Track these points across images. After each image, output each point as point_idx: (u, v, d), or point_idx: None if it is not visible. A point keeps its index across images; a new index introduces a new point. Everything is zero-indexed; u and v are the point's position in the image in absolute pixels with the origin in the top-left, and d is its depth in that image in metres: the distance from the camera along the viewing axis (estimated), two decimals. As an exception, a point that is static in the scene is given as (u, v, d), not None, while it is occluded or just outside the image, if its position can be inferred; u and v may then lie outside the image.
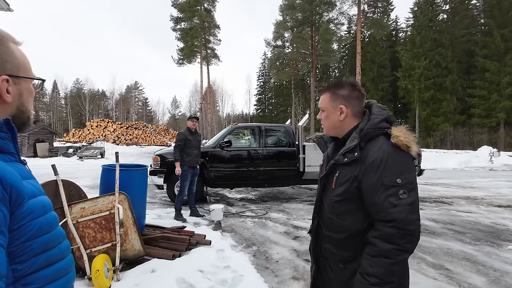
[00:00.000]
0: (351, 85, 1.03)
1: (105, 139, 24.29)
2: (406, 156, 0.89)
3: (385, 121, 0.96)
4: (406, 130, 0.92)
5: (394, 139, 0.90)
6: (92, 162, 14.38)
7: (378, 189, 0.87)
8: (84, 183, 7.44)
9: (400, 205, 0.84)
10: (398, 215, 0.84)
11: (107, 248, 2.54)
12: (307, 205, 5.74)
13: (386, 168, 0.88)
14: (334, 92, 1.05)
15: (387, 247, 0.84)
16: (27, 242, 0.50)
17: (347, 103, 1.02)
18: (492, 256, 3.26)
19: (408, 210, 0.84)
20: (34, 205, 0.53)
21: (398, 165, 0.88)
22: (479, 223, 4.55)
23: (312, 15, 28.61)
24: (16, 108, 0.58)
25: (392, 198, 0.85)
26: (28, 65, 0.62)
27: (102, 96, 56.98)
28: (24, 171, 0.58)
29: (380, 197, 0.87)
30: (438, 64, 28.34)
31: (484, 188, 7.75)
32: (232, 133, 6.15)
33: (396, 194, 0.85)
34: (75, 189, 2.75)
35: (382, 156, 0.89)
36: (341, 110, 1.02)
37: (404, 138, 0.88)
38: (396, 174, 0.86)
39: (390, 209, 0.85)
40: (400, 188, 0.85)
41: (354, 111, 1.02)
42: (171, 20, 32.12)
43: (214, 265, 2.87)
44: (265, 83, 53.78)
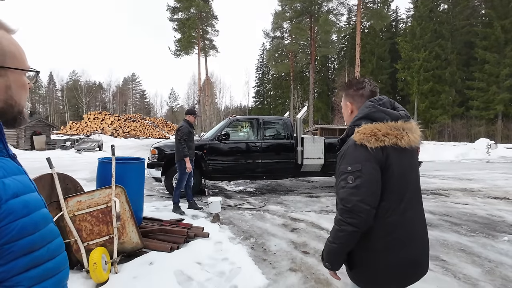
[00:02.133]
0: (356, 84, 1.21)
1: (102, 132, 24.16)
2: (360, 150, 1.04)
3: (363, 118, 1.10)
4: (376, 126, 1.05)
5: (354, 134, 1.07)
6: (90, 154, 14.33)
7: (338, 175, 1.10)
8: (82, 176, 7.42)
9: (346, 187, 1.03)
10: (342, 195, 1.04)
11: (104, 241, 2.54)
12: (305, 197, 5.77)
13: (343, 159, 1.09)
14: (345, 91, 1.25)
15: (337, 217, 1.07)
16: (6, 245, 0.48)
17: (352, 100, 1.21)
18: (488, 247, 3.30)
19: (350, 192, 1.02)
20: (13, 206, 0.50)
21: (352, 156, 1.06)
22: (475, 214, 4.59)
23: (312, 5, 28.12)
24: (3, 102, 0.55)
25: (342, 182, 1.06)
26: (19, 55, 0.57)
27: (99, 88, 56.38)
28: (10, 166, 0.55)
29: (338, 180, 1.10)
30: (437, 55, 28.13)
31: (481, 180, 7.80)
32: (230, 126, 6.11)
33: (346, 179, 1.04)
34: (71, 182, 2.73)
35: (345, 149, 1.10)
36: (349, 106, 1.22)
37: (359, 135, 1.05)
38: (347, 163, 1.06)
39: (339, 190, 1.07)
40: (349, 175, 1.04)
41: (358, 107, 1.18)
42: (168, 10, 31.51)
43: (212, 257, 2.88)
44: (263, 75, 53.32)
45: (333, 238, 1.08)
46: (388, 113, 1.10)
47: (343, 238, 1.05)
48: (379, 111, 1.10)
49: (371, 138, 1.03)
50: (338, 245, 1.07)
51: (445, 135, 27.36)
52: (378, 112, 1.10)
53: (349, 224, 1.02)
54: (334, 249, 1.08)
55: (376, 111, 1.10)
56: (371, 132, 1.04)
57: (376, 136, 1.03)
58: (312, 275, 2.64)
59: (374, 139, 1.02)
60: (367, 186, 1.01)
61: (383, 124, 1.06)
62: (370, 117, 1.09)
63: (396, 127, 1.06)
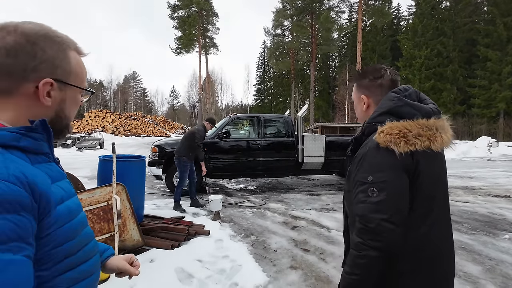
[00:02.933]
0: (373, 73, 0.99)
1: (103, 130, 24.20)
2: (385, 154, 0.83)
3: (386, 113, 0.89)
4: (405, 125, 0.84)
5: (376, 135, 0.86)
6: (91, 153, 14.36)
7: (354, 185, 0.89)
8: (83, 174, 7.44)
9: (366, 202, 0.83)
10: (362, 211, 0.84)
11: (105, 239, 2.55)
12: (305, 195, 5.77)
13: (362, 165, 0.88)
14: (358, 82, 1.04)
15: (355, 240, 0.85)
16: (53, 250, 0.50)
17: (368, 92, 1.00)
18: (488, 245, 3.29)
19: (371, 209, 0.82)
20: (60, 213, 0.52)
21: (374, 163, 0.85)
22: (476, 212, 4.59)
23: (313, 3, 27.98)
24: (54, 113, 0.59)
25: (361, 195, 0.85)
26: (81, 76, 0.63)
27: (99, 87, 56.42)
28: (55, 172, 0.56)
29: (354, 192, 0.88)
30: (439, 53, 28.00)
31: (482, 178, 7.79)
32: (231, 124, 6.11)
33: (366, 191, 0.84)
34: (72, 180, 2.74)
35: (364, 153, 0.89)
36: (363, 100, 1.01)
37: (385, 136, 0.83)
38: (368, 171, 0.85)
39: (358, 205, 0.86)
40: (370, 186, 0.84)
41: (377, 100, 0.97)
42: (168, 7, 31.39)
43: (213, 255, 2.89)
44: (264, 73, 53.22)
45: (352, 268, 0.85)
46: (418, 108, 0.89)
47: (365, 266, 0.83)
48: (406, 105, 0.88)
49: (399, 141, 0.82)
50: (359, 277, 0.84)
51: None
52: (405, 106, 0.88)
53: (372, 248, 0.81)
54: (355, 282, 0.84)
55: (403, 105, 0.88)
56: (399, 132, 0.83)
57: (406, 138, 0.82)
58: (312, 273, 2.65)
59: (403, 142, 0.82)
60: (394, 200, 0.82)
61: (413, 123, 0.84)
62: (395, 112, 0.88)
63: (429, 126, 0.85)
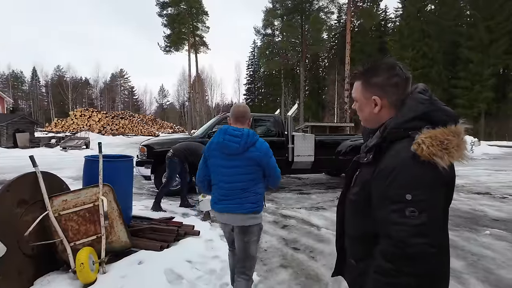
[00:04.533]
0: (388, 70, 0.86)
1: (90, 129, 23.57)
2: (425, 169, 0.72)
3: (419, 119, 0.77)
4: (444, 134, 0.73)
5: (415, 146, 0.73)
6: (76, 152, 13.95)
7: (383, 202, 0.76)
8: (68, 174, 7.22)
9: (404, 224, 0.71)
10: (398, 234, 0.72)
11: (92, 241, 2.48)
12: (295, 194, 5.81)
13: (396, 179, 0.74)
14: (367, 80, 0.89)
15: (386, 266, 0.74)
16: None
17: (382, 92, 0.86)
18: (471, 241, 3.42)
19: (412, 232, 0.71)
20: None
21: (412, 178, 0.73)
22: (459, 209, 4.75)
23: (302, 3, 28.20)
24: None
25: (395, 215, 0.73)
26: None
27: (85, 84, 54.91)
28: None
29: (384, 210, 0.76)
30: (425, 55, 28.82)
31: (465, 176, 8.06)
32: (221, 123, 6.07)
33: (402, 211, 0.72)
34: (56, 181, 2.65)
35: (395, 165, 0.75)
36: (375, 102, 0.87)
37: (428, 147, 0.71)
38: (406, 188, 0.72)
39: (391, 226, 0.74)
40: (408, 206, 0.71)
41: (392, 100, 0.85)
42: (157, 5, 30.85)
43: (203, 255, 2.87)
44: (254, 72, 53.24)
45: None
46: (448, 112, 0.79)
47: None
48: (439, 109, 0.78)
49: (443, 153, 0.71)
50: None
51: (431, 133, 28.12)
52: (438, 111, 0.78)
53: (411, 276, 0.71)
54: None
55: (436, 109, 0.78)
56: (441, 143, 0.72)
57: (448, 150, 0.72)
58: (302, 271, 2.67)
59: (447, 155, 0.72)
60: (436, 222, 0.73)
61: (448, 130, 0.74)
62: (429, 118, 0.77)
63: (458, 132, 0.75)
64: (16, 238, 2.16)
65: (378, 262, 0.77)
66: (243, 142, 1.74)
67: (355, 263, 0.93)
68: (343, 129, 16.01)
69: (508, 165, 10.83)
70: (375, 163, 0.82)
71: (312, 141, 6.21)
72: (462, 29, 29.74)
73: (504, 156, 14.29)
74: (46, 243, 2.34)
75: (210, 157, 1.86)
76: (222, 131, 1.81)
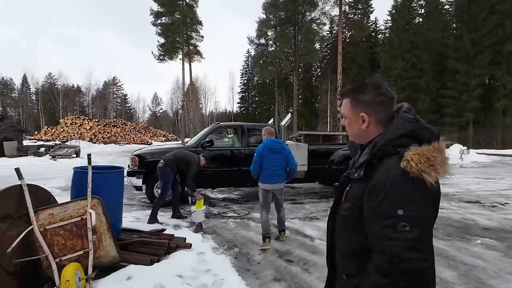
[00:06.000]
0: (374, 88, 0.91)
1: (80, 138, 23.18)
2: (414, 185, 0.75)
3: (406, 136, 0.81)
4: (430, 151, 0.77)
5: (404, 163, 0.76)
6: (66, 161, 13.65)
7: (376, 218, 0.78)
8: (57, 185, 7.04)
9: (397, 239, 0.73)
10: (392, 249, 0.74)
11: (78, 256, 2.40)
12: (289, 204, 5.78)
13: (387, 195, 0.76)
14: (355, 97, 0.94)
15: (381, 281, 0.75)
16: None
17: (369, 110, 0.91)
18: (462, 250, 3.44)
19: (405, 247, 0.72)
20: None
21: (403, 193, 0.75)
22: (450, 218, 4.79)
23: (295, 14, 28.84)
24: None
25: (388, 230, 0.75)
26: None
27: (77, 92, 54.25)
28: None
29: (376, 226, 0.78)
30: (414, 65, 29.67)
31: (455, 184, 8.19)
32: (214, 133, 6.05)
33: (394, 226, 0.74)
34: (43, 194, 2.57)
35: (386, 181, 0.78)
36: (363, 119, 0.92)
37: (416, 164, 0.74)
38: (397, 203, 0.75)
39: (384, 242, 0.75)
40: (400, 221, 0.74)
41: (378, 118, 0.90)
42: (151, 14, 31.05)
43: (194, 269, 2.80)
44: (248, 80, 53.70)
45: None
46: (431, 130, 0.83)
47: None
48: (424, 128, 0.83)
49: (431, 170, 0.75)
50: None
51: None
52: (423, 129, 0.83)
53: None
54: None
55: (421, 127, 0.83)
56: (428, 160, 0.76)
57: (433, 166, 0.76)
58: (296, 284, 2.63)
59: (434, 171, 0.75)
60: (427, 237, 0.76)
61: (432, 148, 0.78)
62: (416, 136, 0.81)
63: (441, 149, 0.79)
64: (-2, 254, 2.07)
65: (373, 278, 0.78)
66: (282, 147, 3.60)
67: (347, 279, 0.93)
68: (336, 137, 16.18)
69: (496, 173, 11.07)
70: (366, 179, 0.84)
71: (305, 151, 6.23)
72: (449, 41, 30.83)
73: (492, 164, 14.60)
74: (30, 259, 2.25)
75: (264, 154, 3.51)
76: (270, 140, 3.58)
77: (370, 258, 0.81)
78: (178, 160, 4.50)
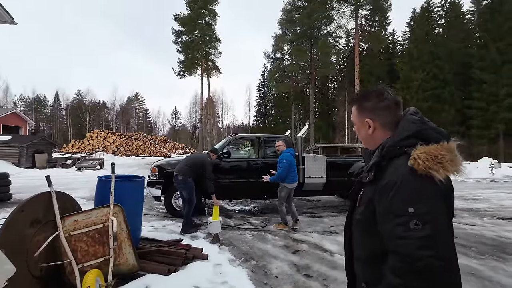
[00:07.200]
0: (377, 95, 0.97)
1: (104, 150, 24.24)
2: (424, 182, 0.77)
3: (413, 137, 0.85)
4: (438, 150, 0.79)
5: (411, 161, 0.79)
6: (90, 173, 14.27)
7: (387, 216, 0.80)
8: (81, 195, 7.34)
9: (409, 237, 0.74)
10: (404, 249, 0.74)
11: (99, 263, 2.45)
12: (306, 217, 5.63)
13: (397, 194, 0.78)
14: (360, 104, 1.01)
15: (395, 281, 0.76)
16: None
17: (373, 115, 0.97)
18: (499, 271, 3.15)
19: (417, 245, 0.72)
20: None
21: (413, 191, 0.77)
22: (483, 236, 4.45)
23: (311, 29, 29.23)
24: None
25: (400, 228, 0.76)
26: None
27: (102, 107, 57.39)
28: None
29: (388, 225, 0.79)
30: (435, 76, 28.72)
31: (487, 200, 7.64)
32: (231, 144, 6.11)
33: (406, 224, 0.75)
34: (69, 201, 2.68)
35: (396, 180, 0.80)
36: (368, 124, 0.98)
37: (424, 161, 0.77)
38: (408, 202, 0.76)
39: (396, 241, 0.76)
40: (411, 219, 0.74)
41: (383, 123, 0.95)
42: (173, 33, 32.80)
43: (211, 281, 2.76)
44: (265, 94, 54.33)
45: None
46: (440, 131, 0.87)
47: None
48: (430, 128, 0.86)
49: (438, 167, 0.77)
50: None
51: (447, 154, 27.20)
52: (430, 129, 0.86)
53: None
54: None
55: (427, 128, 0.86)
56: (435, 157, 0.78)
57: (442, 163, 0.77)
58: (315, 301, 2.51)
59: (442, 168, 0.77)
60: (441, 234, 0.75)
61: (441, 147, 0.81)
62: (421, 136, 0.85)
63: (450, 149, 0.81)
64: (25, 258, 2.16)
65: (388, 279, 0.78)
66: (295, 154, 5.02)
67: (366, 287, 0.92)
68: (355, 150, 15.76)
69: (533, 188, 10.23)
70: (377, 181, 0.86)
71: (323, 162, 6.11)
72: (472, 51, 29.72)
73: (528, 179, 13.53)
74: (54, 265, 2.32)
75: (292, 160, 4.71)
76: (292, 150, 4.90)
77: (386, 262, 0.81)
78: (193, 166, 4.59)
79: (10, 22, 6.96)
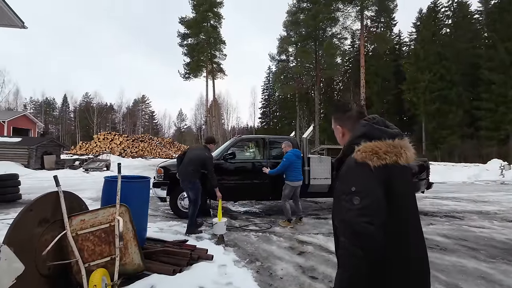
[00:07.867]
0: (342, 107, 1.25)
1: (111, 152, 24.54)
2: (362, 168, 1.01)
3: (361, 137, 1.08)
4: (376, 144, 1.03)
5: (354, 154, 1.04)
6: (97, 174, 14.46)
7: (339, 196, 1.04)
8: (88, 195, 7.43)
9: (353, 209, 0.97)
10: (348, 217, 0.98)
11: (105, 262, 2.47)
12: (312, 219, 5.59)
13: (345, 177, 1.05)
14: (333, 114, 1.28)
15: (344, 243, 0.98)
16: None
17: (341, 123, 1.23)
18: (510, 274, 3.08)
19: (356, 214, 0.96)
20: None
21: (354, 175, 1.02)
22: (493, 239, 4.35)
23: (316, 30, 29.17)
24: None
25: (346, 204, 0.99)
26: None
27: (109, 110, 58.18)
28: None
29: (340, 202, 1.02)
30: (442, 77, 28.32)
31: (497, 202, 7.47)
32: (236, 145, 6.12)
33: (350, 200, 0.98)
34: (76, 201, 2.72)
35: (346, 169, 1.06)
36: (339, 130, 1.24)
37: (361, 154, 1.02)
38: (350, 183, 1.00)
39: (346, 213, 0.99)
40: (354, 195, 0.98)
41: (349, 128, 1.19)
42: (178, 36, 33.11)
43: (216, 281, 2.76)
44: (269, 96, 54.32)
45: (343, 267, 0.99)
46: (384, 131, 1.10)
47: (354, 264, 0.95)
48: (375, 129, 1.10)
49: (373, 156, 1.01)
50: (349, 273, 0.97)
51: (455, 156, 26.77)
52: (375, 130, 1.10)
53: (359, 248, 0.93)
54: (347, 279, 0.97)
55: (374, 129, 1.10)
56: (372, 150, 1.02)
57: (377, 154, 1.01)
58: (321, 303, 2.49)
59: (376, 157, 1.01)
60: (374, 206, 0.97)
61: (382, 143, 1.04)
62: (368, 135, 1.08)
63: (394, 145, 1.05)
64: (34, 257, 2.20)
65: (339, 241, 1.02)
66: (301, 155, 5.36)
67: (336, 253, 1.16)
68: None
69: (545, 191, 9.97)
70: (338, 173, 1.13)
71: (328, 164, 6.07)
72: (481, 51, 29.24)
73: (539, 181, 13.20)
74: (62, 263, 2.35)
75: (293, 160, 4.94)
76: (296, 151, 5.18)
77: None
78: (195, 165, 4.50)
79: (20, 27, 7.11)
